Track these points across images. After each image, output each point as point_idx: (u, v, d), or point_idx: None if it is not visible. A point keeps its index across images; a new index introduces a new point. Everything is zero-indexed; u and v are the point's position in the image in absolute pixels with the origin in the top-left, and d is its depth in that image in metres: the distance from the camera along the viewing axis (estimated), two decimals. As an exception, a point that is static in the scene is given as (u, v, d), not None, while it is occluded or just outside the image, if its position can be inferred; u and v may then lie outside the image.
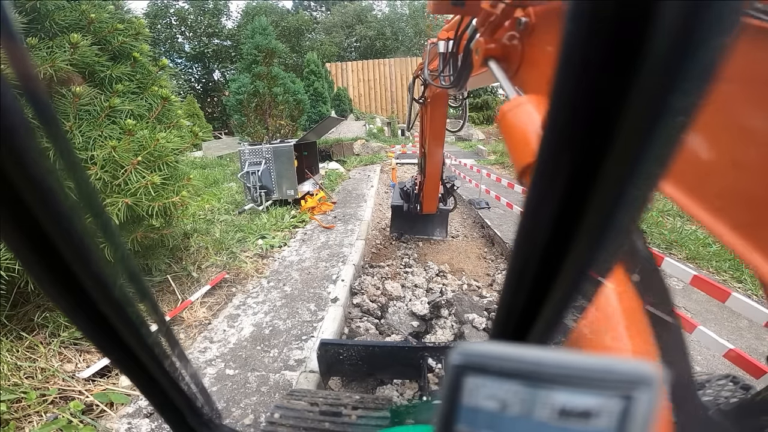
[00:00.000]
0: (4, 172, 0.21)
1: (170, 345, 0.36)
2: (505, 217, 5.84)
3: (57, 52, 2.46)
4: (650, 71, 0.16)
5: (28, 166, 0.22)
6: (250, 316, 3.12)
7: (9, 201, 0.22)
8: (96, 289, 0.27)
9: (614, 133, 0.17)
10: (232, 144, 13.80)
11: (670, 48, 0.15)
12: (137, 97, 2.97)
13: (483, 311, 3.04)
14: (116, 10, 3.00)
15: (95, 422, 1.99)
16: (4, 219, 0.23)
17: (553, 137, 0.19)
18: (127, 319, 0.30)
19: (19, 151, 0.21)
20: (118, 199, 2.58)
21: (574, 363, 0.18)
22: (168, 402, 0.37)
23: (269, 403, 2.14)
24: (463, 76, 1.39)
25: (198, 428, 0.40)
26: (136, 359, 0.32)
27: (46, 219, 0.24)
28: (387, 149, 14.38)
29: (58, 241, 0.24)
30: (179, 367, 0.37)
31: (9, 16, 0.22)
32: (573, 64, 0.17)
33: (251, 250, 4.44)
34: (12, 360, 2.25)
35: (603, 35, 0.16)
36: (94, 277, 0.27)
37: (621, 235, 0.20)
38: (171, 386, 0.36)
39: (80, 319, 0.28)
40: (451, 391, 0.20)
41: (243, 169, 5.96)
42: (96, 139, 2.61)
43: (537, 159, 0.19)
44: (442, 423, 0.20)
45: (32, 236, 0.24)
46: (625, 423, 0.17)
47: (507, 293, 0.23)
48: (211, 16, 29.48)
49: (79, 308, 0.28)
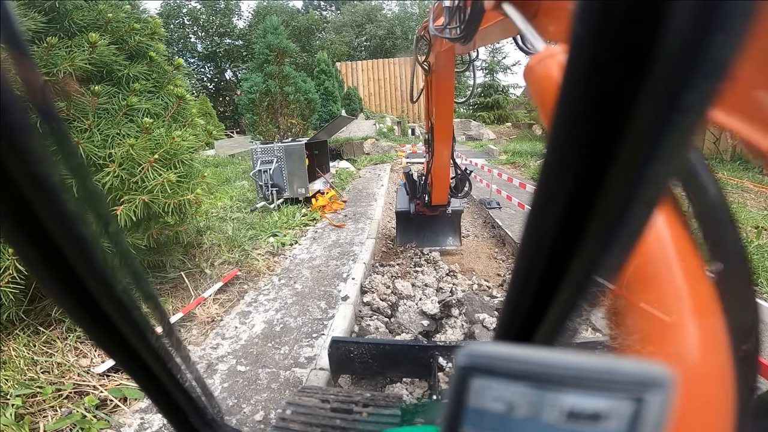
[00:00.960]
0: (7, 171, 0.21)
1: (173, 345, 0.36)
2: (516, 217, 5.78)
3: (76, 51, 2.51)
4: (660, 72, 0.16)
5: (31, 165, 0.22)
6: (261, 313, 3.15)
7: (12, 201, 0.22)
8: (99, 290, 0.27)
9: (623, 133, 0.17)
10: (244, 142, 13.92)
11: (681, 48, 0.15)
12: (153, 96, 3.01)
13: (494, 311, 3.02)
14: (132, 9, 3.05)
15: (109, 417, 2.03)
16: (6, 219, 0.23)
17: (561, 137, 0.19)
18: (130, 319, 0.30)
19: (21, 151, 0.21)
20: (135, 196, 2.63)
21: (583, 364, 0.18)
22: (171, 402, 0.37)
23: (279, 399, 2.16)
24: (472, 25, 1.23)
25: (201, 428, 0.40)
26: (140, 359, 0.32)
27: (49, 219, 0.24)
28: (397, 148, 14.38)
29: (62, 241, 0.25)
30: (182, 367, 0.37)
31: (13, 17, 0.22)
32: (582, 64, 0.17)
33: (263, 248, 4.48)
34: (29, 354, 2.30)
35: (612, 35, 0.16)
36: (98, 278, 0.27)
37: (630, 236, 0.20)
38: (174, 386, 0.36)
39: (84, 319, 0.28)
40: (457, 393, 0.19)
41: (255, 168, 6.02)
42: (114, 137, 2.66)
43: (544, 158, 0.19)
44: (447, 425, 0.20)
45: (35, 236, 0.24)
46: (636, 426, 0.17)
47: (513, 293, 0.23)
48: (222, 15, 29.75)
49: (82, 309, 0.28)
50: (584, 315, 0.21)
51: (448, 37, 1.44)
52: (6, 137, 0.21)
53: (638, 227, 0.19)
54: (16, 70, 0.22)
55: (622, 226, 0.19)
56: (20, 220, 0.23)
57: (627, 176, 0.18)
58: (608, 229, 0.19)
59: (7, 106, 0.21)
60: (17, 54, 0.22)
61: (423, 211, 4.37)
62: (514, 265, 0.23)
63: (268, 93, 8.48)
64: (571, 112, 0.18)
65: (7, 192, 0.22)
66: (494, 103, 26.65)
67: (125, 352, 0.31)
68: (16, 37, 0.22)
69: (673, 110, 0.16)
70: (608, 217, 0.19)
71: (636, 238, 0.20)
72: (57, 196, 0.23)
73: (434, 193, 3.88)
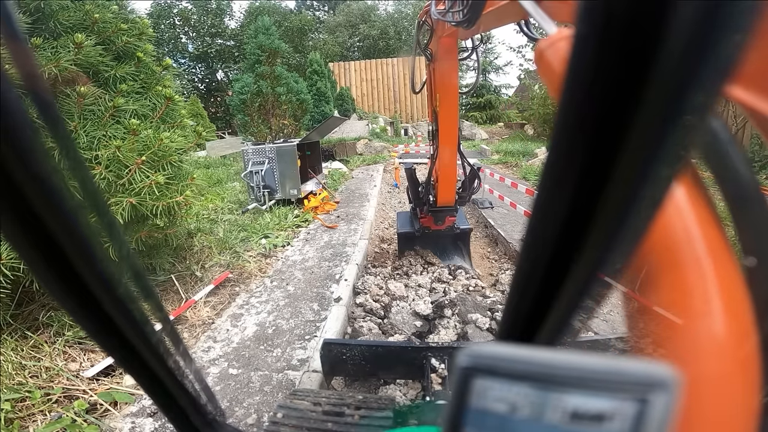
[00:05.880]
0: (8, 171, 0.21)
1: (174, 344, 0.36)
2: (508, 217, 5.82)
3: (61, 52, 2.47)
4: (664, 71, 0.15)
5: (32, 165, 0.22)
6: (253, 316, 3.12)
7: (13, 201, 0.22)
8: (100, 289, 0.27)
9: (627, 132, 0.17)
10: (236, 144, 13.84)
11: (685, 48, 0.15)
12: (141, 97, 2.97)
13: (486, 311, 3.03)
14: (120, 10, 3.01)
15: (99, 421, 2.00)
16: (8, 219, 0.23)
17: (564, 136, 0.19)
18: (131, 318, 0.30)
19: (22, 151, 0.22)
20: (122, 199, 2.59)
21: (586, 365, 0.17)
22: (172, 401, 0.37)
23: (272, 402, 2.14)
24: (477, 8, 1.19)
25: (201, 427, 0.40)
26: (140, 359, 0.32)
27: (51, 219, 0.24)
28: (390, 149, 14.39)
29: (63, 240, 0.24)
30: (183, 366, 0.37)
31: (12, 15, 0.22)
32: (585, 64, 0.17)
33: (255, 250, 4.45)
34: (17, 359, 2.26)
35: (616, 35, 0.16)
36: (99, 277, 0.27)
37: (633, 237, 0.19)
38: (175, 385, 0.36)
39: (85, 319, 0.28)
40: (458, 394, 0.19)
41: (246, 169, 5.98)
42: (100, 138, 2.62)
43: (547, 157, 0.19)
44: (449, 425, 0.20)
45: (37, 236, 0.24)
46: (640, 426, 0.17)
47: (515, 293, 0.23)
48: (214, 16, 29.58)
49: (83, 308, 0.28)
50: (587, 315, 0.21)
51: (450, 20, 1.39)
52: (6, 137, 0.21)
53: (641, 228, 0.19)
54: (16, 64, 0.22)
55: (626, 227, 0.19)
56: (21, 220, 0.23)
57: (630, 176, 0.18)
58: (611, 229, 0.19)
59: (7, 106, 0.21)
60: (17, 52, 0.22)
61: (428, 225, 3.90)
62: (517, 264, 0.22)
63: (260, 94, 8.45)
64: (574, 112, 0.18)
65: (8, 192, 0.22)
66: (486, 103, 26.84)
67: (126, 351, 0.31)
68: (16, 34, 0.22)
69: (676, 110, 0.16)
70: (611, 217, 0.19)
71: (639, 239, 0.20)
72: (58, 195, 0.23)
73: (440, 191, 3.40)
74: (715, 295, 0.34)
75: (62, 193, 0.24)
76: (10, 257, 2.09)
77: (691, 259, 0.35)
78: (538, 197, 0.20)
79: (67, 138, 0.25)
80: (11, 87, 0.21)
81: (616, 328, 2.93)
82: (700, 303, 0.34)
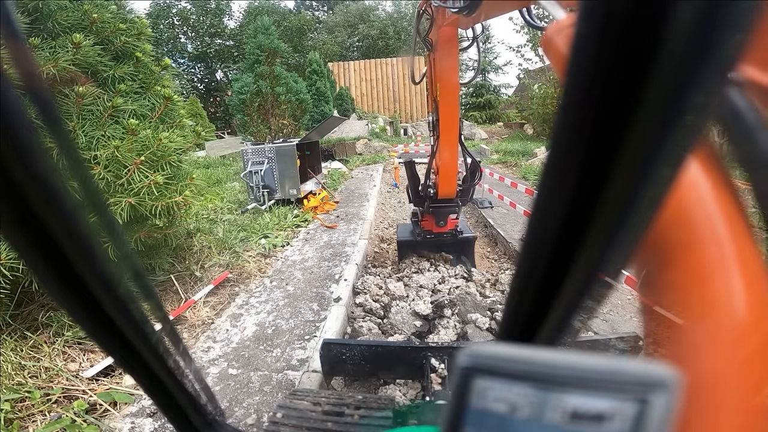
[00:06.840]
0: (8, 171, 0.21)
1: (174, 344, 0.36)
2: (508, 217, 5.82)
3: (60, 52, 2.47)
4: (664, 71, 0.15)
5: (32, 165, 0.22)
6: (253, 316, 3.12)
7: (13, 201, 0.22)
8: (100, 289, 0.27)
9: (628, 132, 0.17)
10: (235, 144, 13.83)
11: (686, 47, 0.15)
12: (140, 97, 2.97)
13: (486, 311, 3.03)
14: (118, 10, 3.01)
15: (99, 421, 2.00)
16: (7, 219, 0.23)
17: (564, 135, 0.19)
18: (131, 318, 0.30)
19: (22, 151, 0.21)
20: (121, 199, 2.59)
21: (586, 365, 0.17)
22: (172, 401, 0.37)
23: (272, 402, 2.14)
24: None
25: (201, 427, 0.40)
26: (140, 358, 0.32)
27: (50, 218, 0.24)
28: (389, 149, 14.38)
29: (63, 240, 0.24)
30: (183, 366, 0.37)
31: (11, 14, 0.22)
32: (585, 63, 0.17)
33: (254, 250, 4.45)
34: (16, 359, 2.26)
35: (616, 35, 0.16)
36: (99, 277, 0.27)
37: (633, 236, 0.19)
38: (174, 385, 0.36)
39: (84, 319, 0.28)
40: (458, 394, 0.19)
41: (246, 169, 5.98)
42: (99, 138, 2.61)
43: (547, 157, 0.19)
44: (449, 425, 0.20)
45: (36, 236, 0.24)
46: (640, 427, 0.17)
47: (515, 293, 0.23)
48: (213, 16, 29.54)
49: (83, 308, 0.28)
50: (587, 315, 0.21)
51: (451, 7, 1.37)
52: (6, 137, 0.21)
53: (642, 227, 0.19)
54: (15, 64, 0.22)
55: (626, 226, 0.19)
56: (21, 220, 0.23)
57: (630, 176, 0.18)
58: (611, 229, 0.19)
59: (7, 106, 0.21)
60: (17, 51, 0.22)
61: (429, 229, 3.81)
62: (517, 263, 0.22)
63: (259, 93, 8.44)
64: (574, 112, 0.18)
65: (7, 192, 0.22)
66: (486, 103, 26.88)
67: (125, 351, 0.31)
68: (15, 34, 0.22)
69: (676, 110, 0.16)
70: (611, 217, 0.19)
71: (639, 239, 0.20)
72: (57, 195, 0.23)
73: (441, 182, 3.31)
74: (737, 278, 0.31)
75: (62, 193, 0.23)
76: (9, 257, 2.09)
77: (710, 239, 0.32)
78: (538, 197, 0.20)
79: (66, 138, 0.25)
80: (10, 87, 0.21)
81: (616, 328, 2.93)
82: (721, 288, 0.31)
